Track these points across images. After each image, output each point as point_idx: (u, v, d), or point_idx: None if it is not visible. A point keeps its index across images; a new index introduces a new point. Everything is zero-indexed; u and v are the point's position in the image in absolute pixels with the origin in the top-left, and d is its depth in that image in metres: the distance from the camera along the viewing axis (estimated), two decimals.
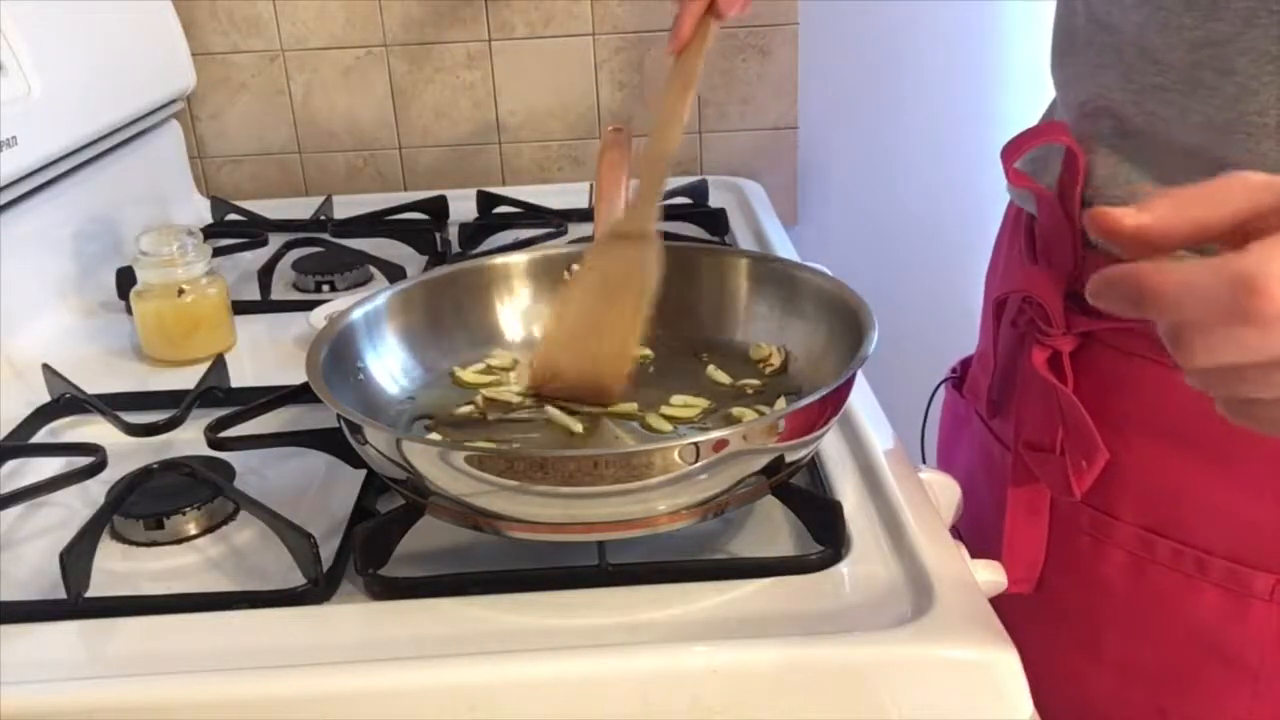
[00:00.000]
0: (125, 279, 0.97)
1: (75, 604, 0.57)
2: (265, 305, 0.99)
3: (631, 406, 0.67)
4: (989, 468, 0.78)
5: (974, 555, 0.62)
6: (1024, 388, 0.71)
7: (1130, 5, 0.60)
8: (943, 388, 0.88)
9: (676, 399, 0.68)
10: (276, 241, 1.08)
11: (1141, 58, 0.60)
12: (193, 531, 0.64)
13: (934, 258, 1.36)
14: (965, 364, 0.87)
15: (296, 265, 1.05)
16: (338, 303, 0.92)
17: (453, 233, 1.13)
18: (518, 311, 0.77)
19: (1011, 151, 0.66)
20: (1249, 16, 0.54)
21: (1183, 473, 0.63)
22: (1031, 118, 0.76)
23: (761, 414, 0.65)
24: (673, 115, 0.69)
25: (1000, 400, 0.76)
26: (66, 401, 0.77)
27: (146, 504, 0.64)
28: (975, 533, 0.69)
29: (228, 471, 0.69)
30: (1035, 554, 0.71)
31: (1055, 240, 0.67)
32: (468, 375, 0.72)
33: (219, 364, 0.81)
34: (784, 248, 1.06)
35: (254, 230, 1.13)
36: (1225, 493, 0.62)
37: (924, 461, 0.91)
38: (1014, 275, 0.71)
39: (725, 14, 0.71)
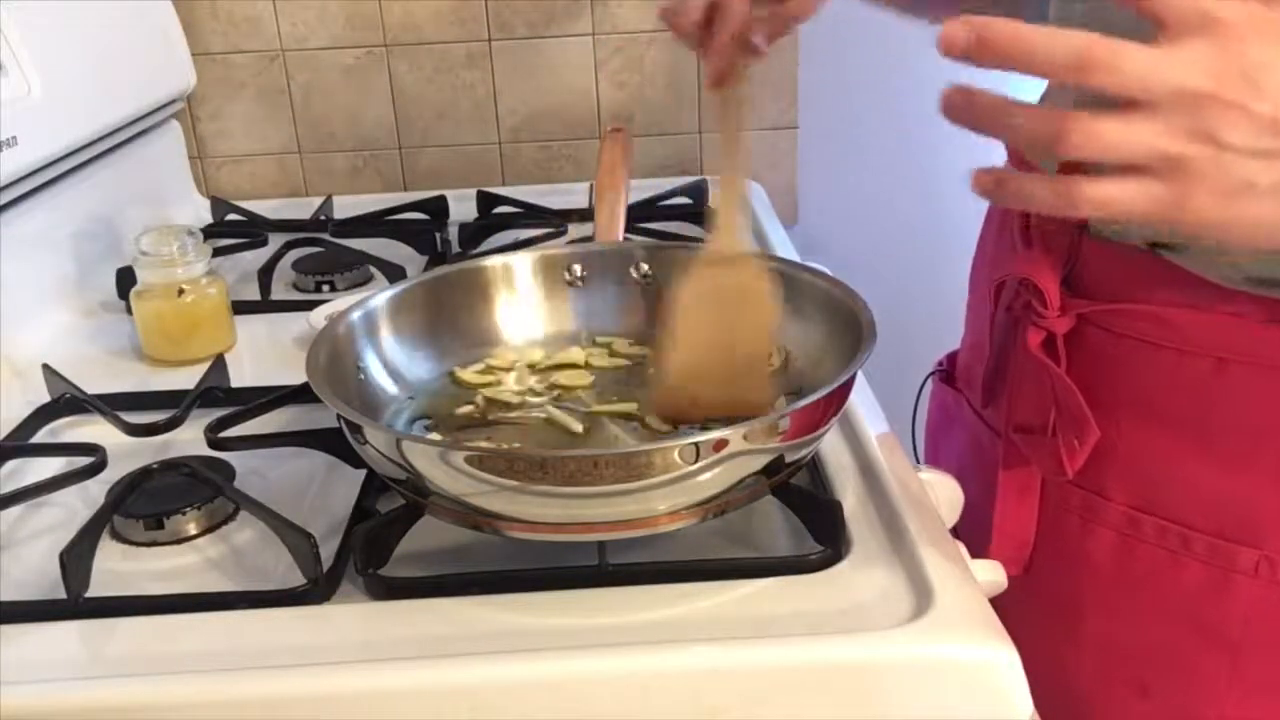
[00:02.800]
0: (125, 279, 0.97)
1: (75, 604, 0.57)
2: (265, 305, 0.99)
3: (631, 406, 0.67)
4: (979, 457, 0.79)
5: (964, 543, 0.62)
6: (1017, 372, 0.72)
7: None
8: (929, 383, 0.89)
9: None
10: (276, 241, 1.08)
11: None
12: (193, 531, 0.64)
13: (933, 257, 1.36)
14: (951, 358, 0.87)
15: (296, 265, 1.05)
16: (338, 303, 0.92)
17: (453, 233, 1.13)
18: (518, 311, 0.77)
19: None
20: None
21: (1169, 450, 0.64)
22: None
23: None
24: (733, 144, 0.67)
25: (992, 387, 0.77)
26: (66, 401, 0.77)
27: (146, 504, 0.64)
28: (965, 523, 0.70)
29: (228, 471, 0.69)
30: (1025, 536, 0.72)
31: (1052, 224, 0.68)
32: (468, 375, 0.72)
33: (219, 364, 0.81)
34: (784, 248, 1.06)
35: (254, 230, 1.13)
36: (1210, 469, 0.63)
37: (915, 456, 0.91)
38: (1009, 261, 0.72)
39: (761, 55, 0.68)
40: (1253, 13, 0.43)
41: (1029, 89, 0.84)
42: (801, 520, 0.61)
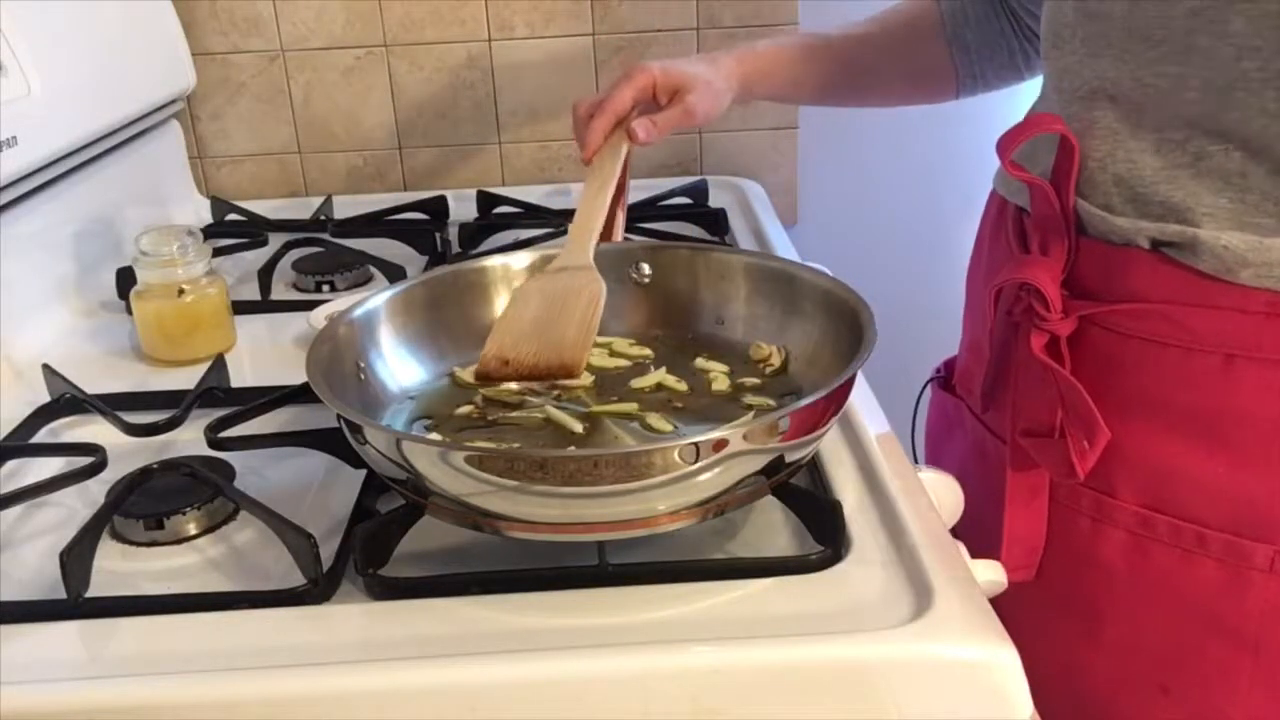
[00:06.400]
0: (125, 279, 0.97)
1: (75, 604, 0.57)
2: (265, 305, 0.99)
3: (632, 406, 0.67)
4: (982, 462, 0.78)
5: (969, 550, 0.62)
6: (1020, 376, 0.72)
7: None
8: (929, 389, 0.89)
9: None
10: (276, 241, 1.08)
11: (1131, 37, 0.62)
12: (193, 531, 0.64)
13: (933, 257, 1.36)
14: (949, 364, 0.87)
15: (296, 265, 1.05)
16: (338, 303, 0.92)
17: (453, 233, 1.13)
18: None
19: (1007, 143, 0.67)
20: None
21: (1180, 449, 0.64)
22: None
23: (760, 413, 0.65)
24: (593, 210, 0.77)
25: (993, 392, 0.76)
26: (66, 401, 0.77)
27: (146, 504, 0.64)
28: (969, 529, 0.70)
29: (228, 471, 0.69)
30: (1035, 541, 0.72)
31: (1049, 229, 0.68)
32: (468, 375, 0.72)
33: (219, 364, 0.81)
34: (784, 248, 1.06)
35: (254, 230, 1.13)
36: (1222, 467, 0.63)
37: (915, 460, 0.91)
38: (1006, 266, 0.72)
39: (638, 141, 0.82)
40: None
41: (1031, 89, 0.84)
42: (801, 520, 0.61)
